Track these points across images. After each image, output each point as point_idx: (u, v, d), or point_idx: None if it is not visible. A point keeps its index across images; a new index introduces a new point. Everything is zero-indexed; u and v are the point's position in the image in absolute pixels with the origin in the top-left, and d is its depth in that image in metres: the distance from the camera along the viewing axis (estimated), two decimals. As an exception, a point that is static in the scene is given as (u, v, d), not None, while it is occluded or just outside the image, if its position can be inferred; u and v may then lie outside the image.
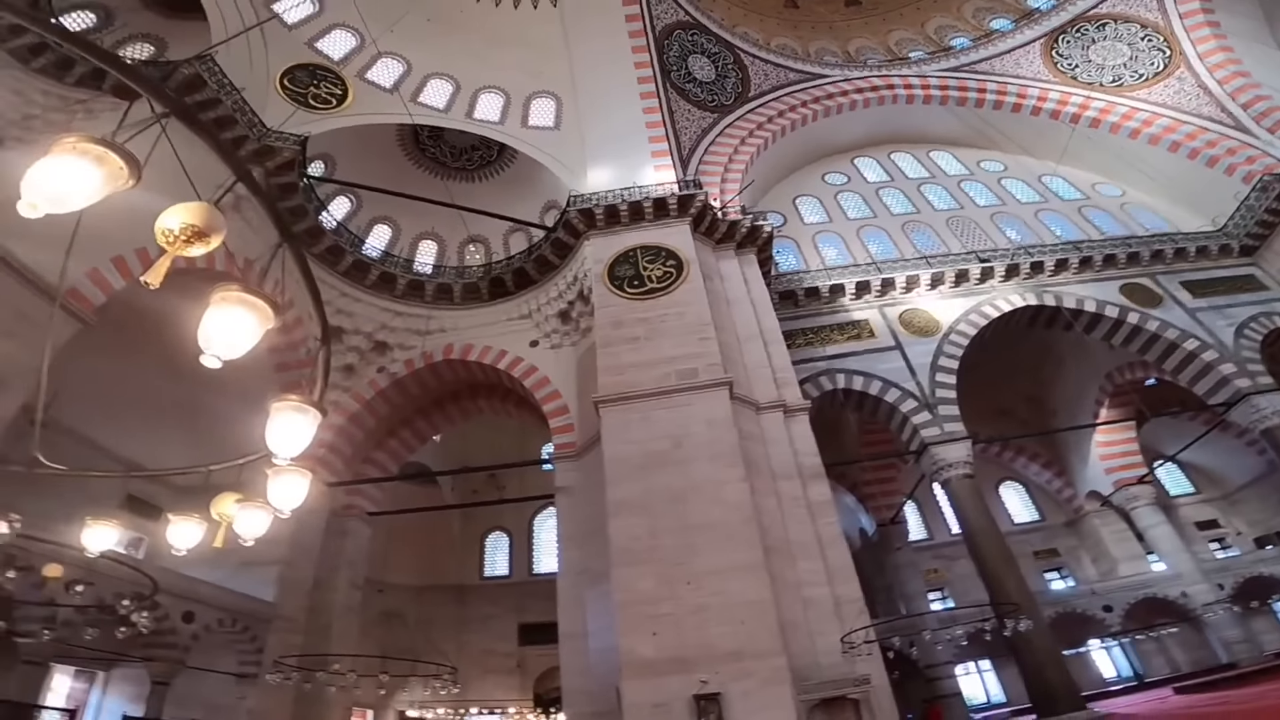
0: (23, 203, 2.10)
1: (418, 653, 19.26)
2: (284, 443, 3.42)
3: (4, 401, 10.71)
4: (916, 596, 22.55)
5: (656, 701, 10.30)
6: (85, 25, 17.29)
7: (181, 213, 2.44)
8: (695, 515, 12.16)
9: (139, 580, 9.34)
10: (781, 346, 16.82)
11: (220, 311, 2.85)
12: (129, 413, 15.57)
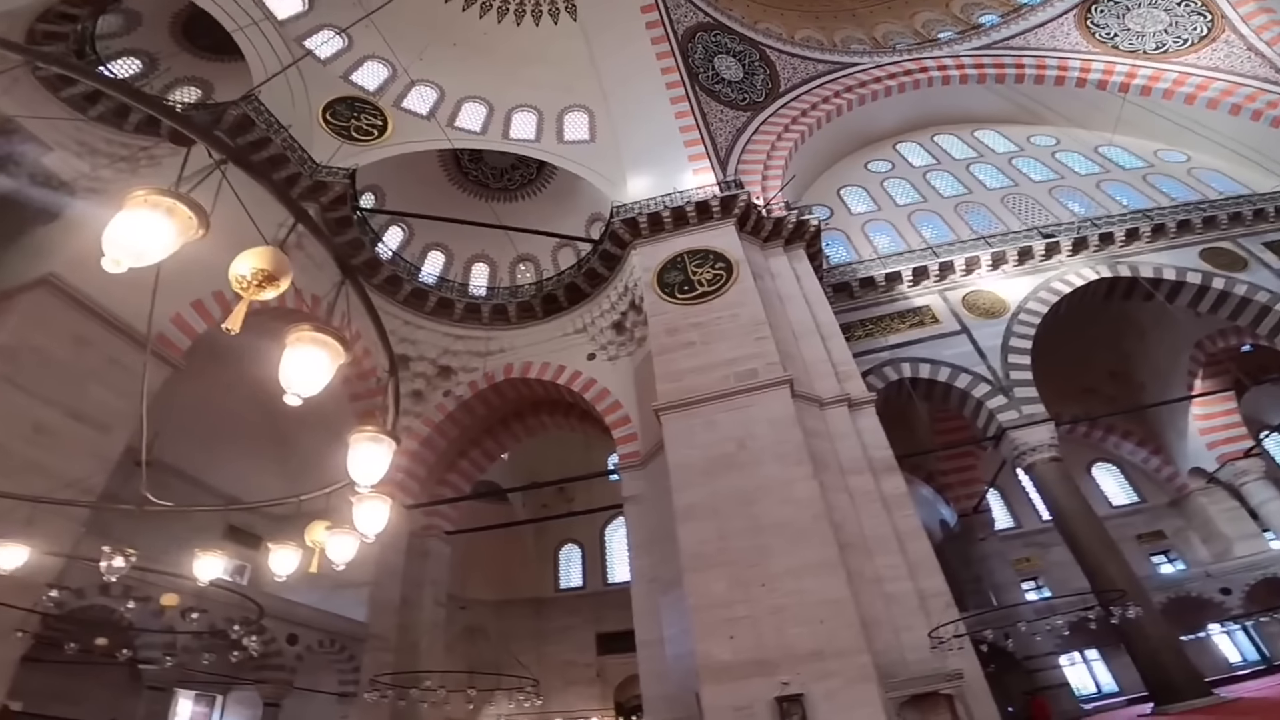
0: (106, 259, 2.22)
1: (501, 666, 19.73)
2: (364, 471, 3.61)
3: (110, 444, 11.70)
4: (1008, 587, 21.49)
5: (737, 705, 10.23)
6: (132, 72, 17.90)
7: (251, 258, 2.56)
8: (765, 516, 12.03)
9: (246, 606, 9.97)
10: (840, 340, 16.52)
11: (296, 352, 3.00)
12: (224, 448, 16.67)
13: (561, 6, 22.57)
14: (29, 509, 5.63)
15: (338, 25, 19.80)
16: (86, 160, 14.69)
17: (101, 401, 11.50)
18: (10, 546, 5.40)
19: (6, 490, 6.08)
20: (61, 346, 11.42)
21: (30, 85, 14.03)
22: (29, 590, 7.65)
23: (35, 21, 14.14)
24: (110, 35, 17.25)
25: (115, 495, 11.26)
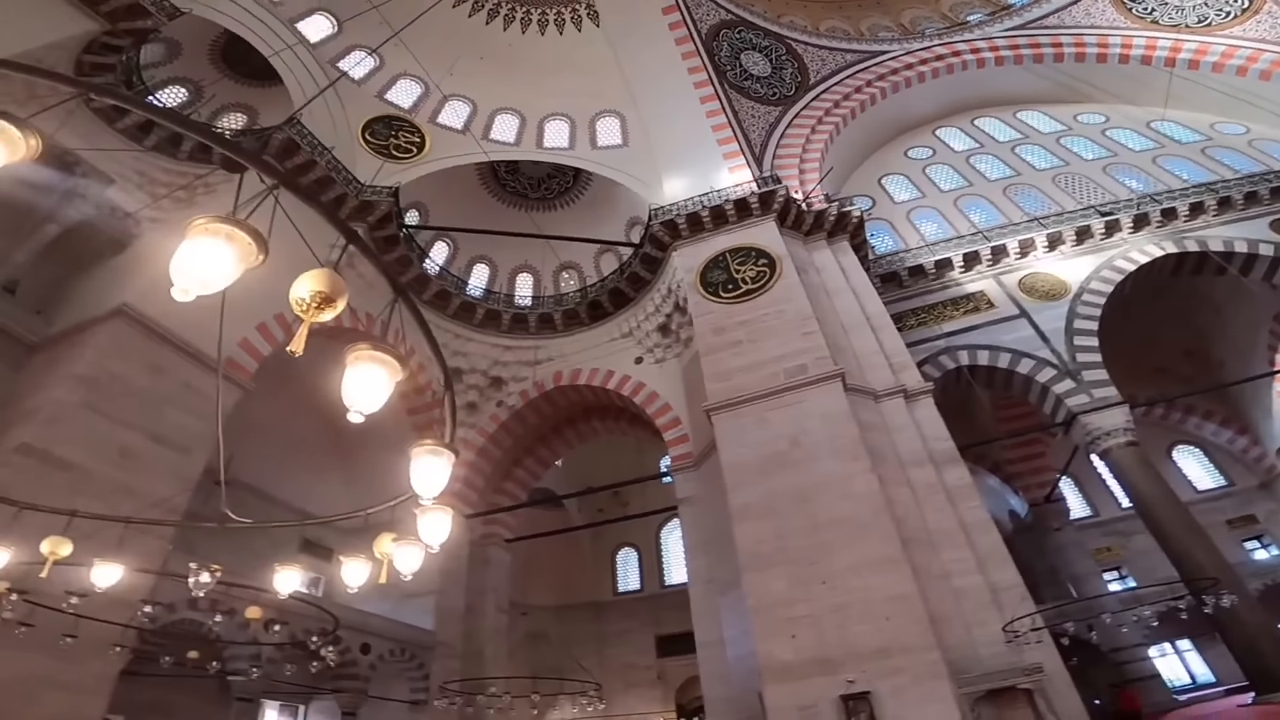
0: (176, 289, 2.28)
1: (563, 671, 19.95)
2: (426, 484, 3.71)
3: (190, 465, 12.41)
4: (1088, 578, 20.46)
5: (801, 704, 10.08)
6: (179, 100, 18.48)
7: (309, 281, 2.61)
8: (823, 513, 11.82)
9: (323, 617, 10.40)
10: (892, 330, 16.17)
11: (356, 370, 3.09)
12: (293, 465, 17.46)
13: (583, 14, 22.68)
14: (120, 529, 5.99)
15: (367, 45, 20.30)
16: (147, 190, 15.42)
17: (180, 425, 12.20)
18: (106, 565, 5.77)
19: (98, 512, 6.52)
20: (139, 373, 12.14)
21: (86, 117, 14.68)
22: (124, 607, 8.17)
23: (82, 53, 14.64)
24: (154, 64, 17.91)
25: (197, 514, 11.93)
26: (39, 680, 9.13)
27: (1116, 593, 19.32)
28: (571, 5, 22.63)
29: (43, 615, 7.66)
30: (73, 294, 14.32)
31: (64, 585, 6.70)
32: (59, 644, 7.97)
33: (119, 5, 14.14)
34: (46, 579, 6.31)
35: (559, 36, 22.88)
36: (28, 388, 11.87)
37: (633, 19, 22.16)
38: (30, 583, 6.66)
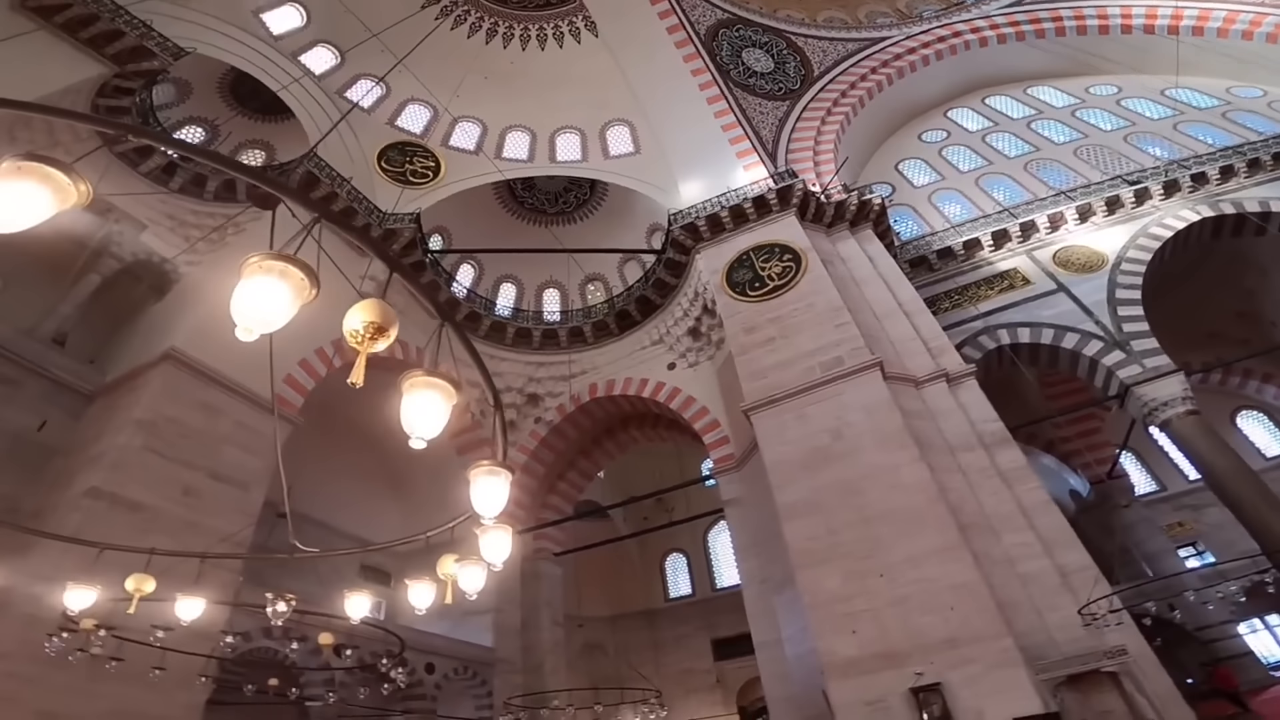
0: (239, 329, 2.31)
1: (621, 680, 19.99)
2: (486, 503, 3.79)
3: (250, 500, 12.85)
4: (1162, 555, 19.61)
5: (868, 699, 9.92)
6: (199, 140, 18.91)
7: (361, 312, 2.62)
8: (873, 505, 11.65)
9: (389, 640, 10.64)
10: (927, 315, 15.93)
11: (413, 398, 3.17)
12: (346, 492, 17.89)
13: (581, 26, 22.70)
14: (196, 564, 6.25)
15: (373, 74, 20.65)
16: (179, 233, 15.97)
17: (237, 462, 12.66)
18: (189, 599, 6.01)
19: (170, 549, 6.80)
20: (193, 415, 12.63)
21: (109, 162, 15.19)
22: (205, 639, 8.50)
23: (96, 98, 15.09)
24: (166, 105, 18.31)
25: (262, 546, 12.35)
26: (133, 713, 9.55)
27: (1196, 569, 18.53)
28: (568, 19, 22.69)
29: (130, 650, 8.02)
30: (121, 342, 14.98)
31: (148, 620, 7.01)
32: (149, 677, 8.31)
33: (124, 48, 14.69)
34: (132, 614, 6.62)
35: (559, 50, 22.97)
36: (89, 435, 12.43)
37: (630, 26, 22.11)
38: (116, 619, 6.99)
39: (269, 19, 19.39)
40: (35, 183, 2.15)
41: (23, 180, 2.15)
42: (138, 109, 16.09)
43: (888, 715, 9.69)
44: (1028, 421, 16.65)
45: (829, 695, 10.50)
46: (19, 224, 2.17)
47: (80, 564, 7.98)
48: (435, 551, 6.00)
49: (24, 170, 2.15)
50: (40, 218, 2.21)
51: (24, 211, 2.15)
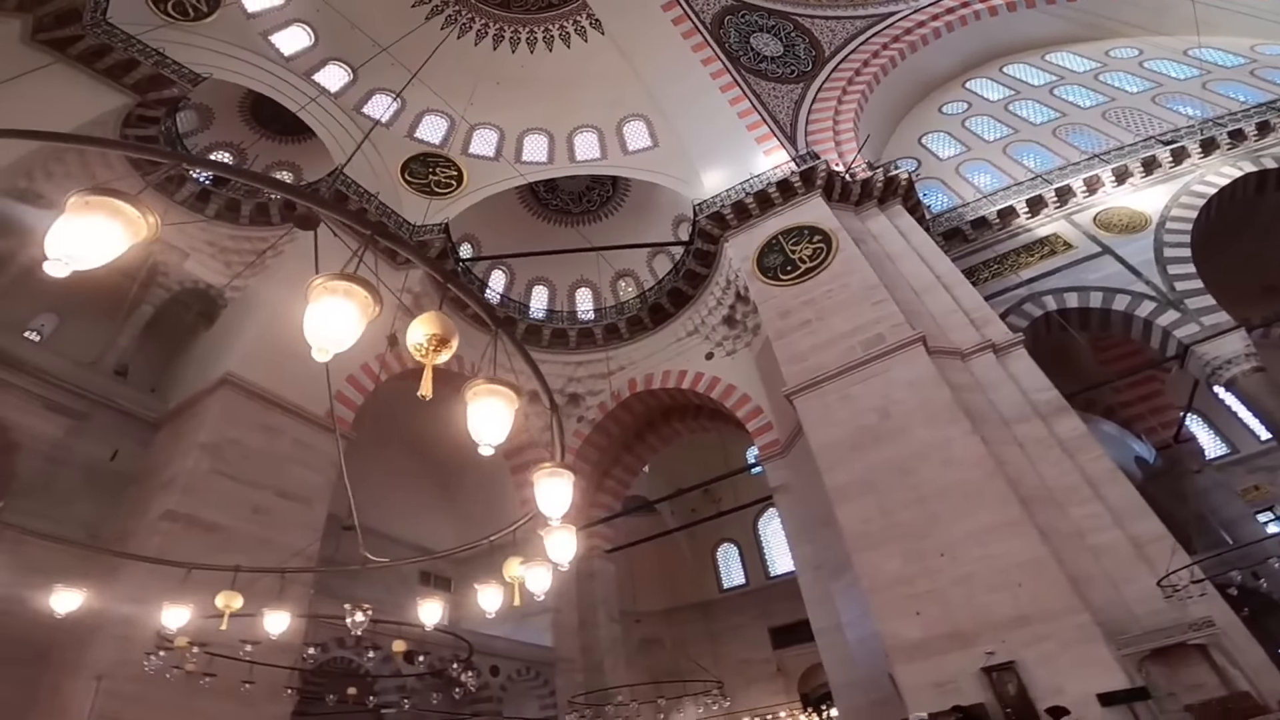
0: (315, 351, 2.36)
1: (680, 673, 20.05)
2: (552, 504, 3.85)
3: (314, 515, 13.32)
4: (1241, 521, 18.61)
5: (938, 681, 9.76)
6: (225, 159, 19.35)
7: (423, 326, 2.68)
8: (928, 483, 11.44)
9: (455, 645, 10.91)
10: (966, 286, 15.63)
11: (479, 405, 3.21)
12: (402, 502, 18.34)
13: (586, 25, 22.52)
14: (272, 579, 6.51)
15: (386, 88, 20.90)
16: (220, 259, 16.43)
17: (300, 478, 13.13)
18: (276, 613, 6.25)
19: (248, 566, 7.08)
20: (254, 436, 13.12)
21: (134, 185, 15.78)
22: (286, 652, 8.85)
23: (123, 128, 15.40)
24: (191, 132, 18.73)
25: (329, 559, 12.77)
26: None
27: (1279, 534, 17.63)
28: (571, 18, 22.55)
29: (219, 665, 8.39)
30: (178, 369, 15.61)
31: (236, 636, 7.31)
32: (240, 691, 8.68)
33: (142, 76, 15.04)
34: (219, 630, 6.91)
35: (567, 51, 22.90)
36: (159, 461, 13.03)
37: (634, 21, 21.87)
38: (206, 636, 7.30)
39: (278, 40, 19.61)
40: (106, 217, 2.14)
41: (93, 215, 2.13)
42: (164, 137, 16.45)
43: (958, 696, 9.51)
44: (1083, 388, 16.11)
45: (896, 678, 10.38)
46: (94, 260, 2.12)
47: (165, 584, 8.37)
48: (492, 555, 6.14)
49: (93, 204, 2.14)
50: (114, 253, 2.19)
51: (98, 247, 2.13)
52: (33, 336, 14.66)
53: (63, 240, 2.10)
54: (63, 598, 6.05)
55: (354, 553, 12.64)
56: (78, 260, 2.09)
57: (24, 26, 13.57)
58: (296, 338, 8.09)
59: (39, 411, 12.55)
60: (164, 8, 16.30)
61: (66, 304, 15.06)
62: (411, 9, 21.21)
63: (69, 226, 2.12)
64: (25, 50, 13.59)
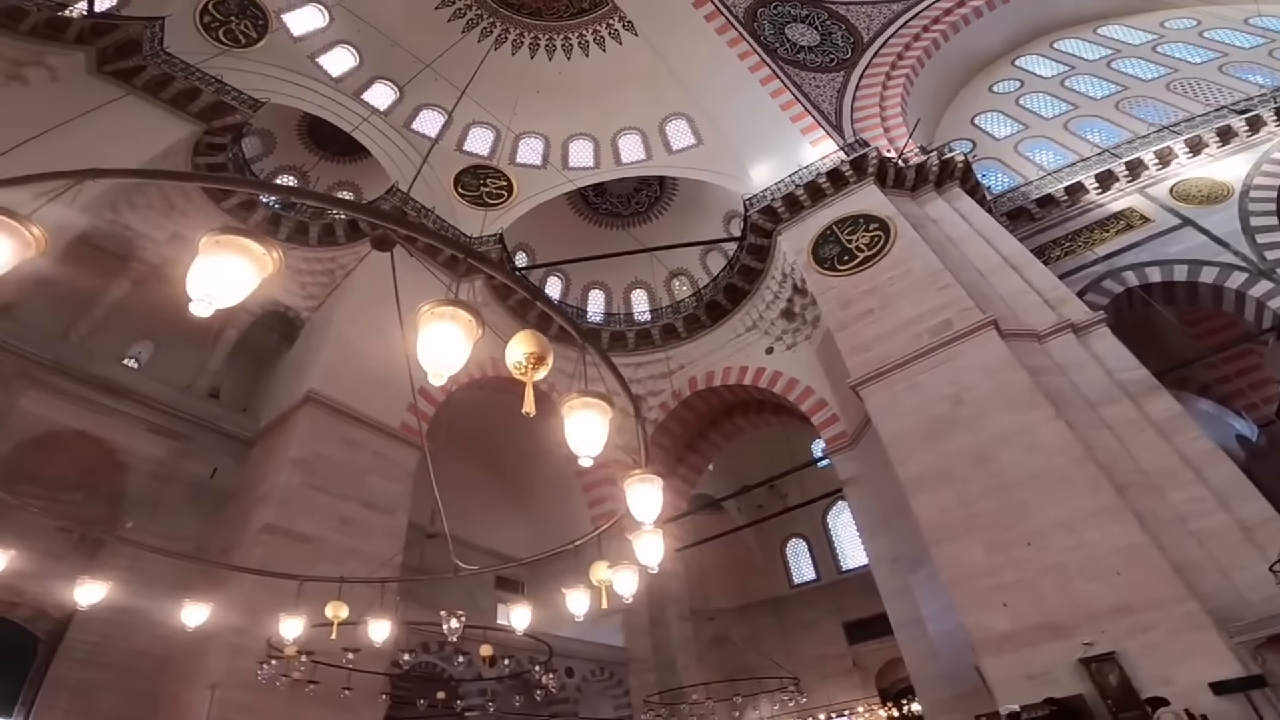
0: (430, 375, 2.50)
1: (752, 670, 19.94)
2: (643, 509, 3.94)
3: (396, 524, 13.91)
4: (1357, 499, 17.35)
5: (1030, 673, 9.43)
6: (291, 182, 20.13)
7: (520, 344, 2.77)
8: (1009, 471, 11.05)
9: (534, 648, 11.21)
10: (1038, 266, 15.07)
11: (576, 419, 3.31)
12: (477, 510, 18.87)
13: (619, 27, 22.44)
14: (365, 589, 6.85)
15: (432, 103, 21.43)
16: (294, 280, 17.07)
17: (381, 490, 13.73)
18: (379, 621, 6.58)
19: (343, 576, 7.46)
20: (338, 450, 13.79)
21: (210, 212, 16.12)
22: (380, 658, 9.29)
23: (194, 157, 15.95)
24: (257, 158, 19.43)
25: (413, 567, 13.31)
26: (328, 732, 10.45)
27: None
28: (604, 22, 22.54)
29: (320, 672, 8.88)
30: (266, 389, 16.51)
31: (337, 644, 7.72)
32: (340, 697, 9.16)
33: (205, 104, 15.64)
34: (322, 639, 7.31)
35: (603, 54, 22.91)
36: (255, 477, 13.86)
37: (666, 20, 21.65)
38: (310, 644, 7.74)
39: (325, 62, 20.22)
40: (235, 255, 2.24)
41: (223, 254, 2.24)
42: (233, 163, 17.12)
43: (1053, 687, 9.16)
44: (1174, 366, 15.21)
45: (983, 671, 10.09)
46: (231, 298, 2.24)
47: (269, 595, 8.92)
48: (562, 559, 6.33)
49: (223, 244, 2.25)
50: (247, 290, 2.31)
51: (232, 284, 2.24)
52: (131, 364, 15.77)
53: (202, 280, 2.23)
54: (192, 611, 6.50)
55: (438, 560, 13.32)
56: (218, 299, 2.22)
57: (88, 59, 14.19)
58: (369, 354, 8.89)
59: (143, 434, 13.55)
60: (216, 36, 16.96)
61: (160, 332, 16.15)
62: (447, 24, 21.64)
63: (205, 266, 2.24)
64: (93, 81, 14.21)
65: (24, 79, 13.21)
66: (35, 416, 12.28)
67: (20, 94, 13.00)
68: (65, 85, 13.64)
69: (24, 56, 13.29)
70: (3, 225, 2.18)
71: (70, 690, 10.90)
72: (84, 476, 12.83)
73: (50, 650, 11.30)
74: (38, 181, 3.11)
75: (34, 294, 12.77)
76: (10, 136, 10.94)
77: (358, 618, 7.01)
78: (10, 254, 2.21)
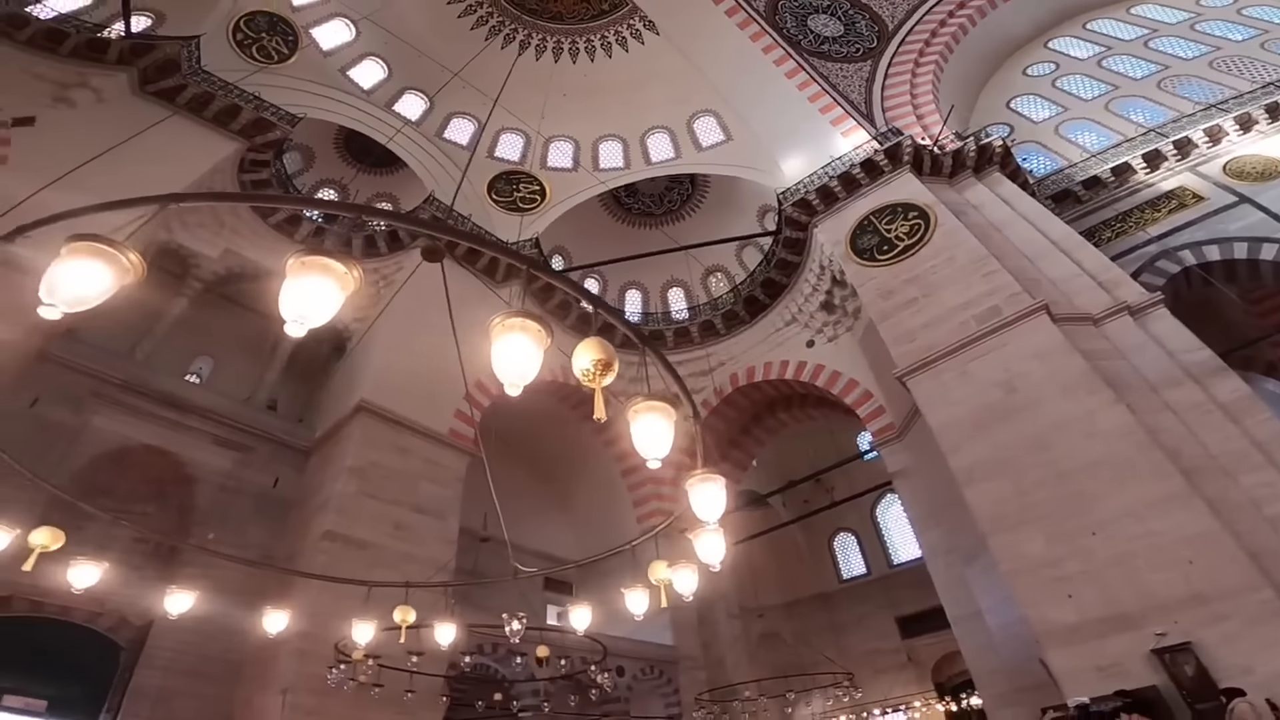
0: (507, 387, 2.57)
1: (804, 666, 19.79)
2: (707, 508, 3.99)
3: (448, 529, 14.19)
4: None
5: (1101, 665, 9.16)
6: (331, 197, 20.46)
7: (587, 352, 2.81)
8: (1068, 459, 10.73)
9: (585, 647, 11.34)
10: (1089, 248, 14.66)
11: (642, 423, 3.36)
12: (525, 512, 19.12)
13: (640, 27, 22.30)
14: (424, 593, 7.03)
15: (464, 112, 21.70)
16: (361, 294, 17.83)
17: (432, 495, 14.06)
18: (445, 625, 6.76)
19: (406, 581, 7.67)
20: (390, 457, 14.14)
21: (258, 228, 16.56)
22: (439, 660, 9.52)
23: (239, 174, 16.24)
24: (298, 173, 19.82)
25: (470, 570, 13.60)
26: (391, 735, 10.72)
27: None
28: (625, 22, 22.45)
29: (384, 675, 9.14)
30: (319, 400, 17.00)
31: (400, 648, 7.95)
32: (402, 699, 9.42)
33: (246, 121, 15.96)
34: (386, 643, 7.53)
35: (626, 55, 22.80)
36: (313, 485, 14.33)
37: (686, 17, 21.42)
38: (376, 648, 7.97)
39: (355, 75, 20.56)
40: (319, 275, 2.34)
41: (310, 275, 2.34)
42: (276, 179, 17.46)
43: (1124, 679, 8.89)
44: (1238, 345, 14.57)
45: (1049, 664, 9.84)
46: (320, 317, 2.34)
47: (334, 601, 9.22)
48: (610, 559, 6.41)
49: (308, 264, 2.35)
50: (334, 308, 2.39)
51: (320, 304, 2.32)
52: (193, 379, 16.45)
53: (293, 302, 2.33)
54: (272, 618, 6.78)
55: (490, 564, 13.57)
56: (309, 319, 2.31)
57: (131, 79, 14.60)
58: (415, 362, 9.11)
59: (209, 447, 14.15)
60: (250, 53, 17.34)
61: (217, 347, 16.83)
62: (470, 31, 21.79)
63: (294, 288, 2.35)
64: (137, 102, 14.59)
65: (71, 101, 13.62)
66: (108, 433, 12.93)
67: (69, 116, 13.42)
68: (111, 107, 14.04)
69: (68, 79, 13.72)
70: (101, 253, 2.29)
71: (152, 698, 11.38)
72: (155, 489, 13.46)
73: (132, 658, 11.82)
74: (123, 207, 3.31)
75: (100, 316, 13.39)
76: (63, 158, 11.32)
77: (419, 622, 7.21)
78: (111, 280, 2.32)
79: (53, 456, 11.54)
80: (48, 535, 5.07)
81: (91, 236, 2.30)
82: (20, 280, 9.60)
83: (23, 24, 13.45)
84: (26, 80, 13.24)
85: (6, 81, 12.96)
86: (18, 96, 12.93)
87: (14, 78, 13.06)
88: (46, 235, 3.05)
